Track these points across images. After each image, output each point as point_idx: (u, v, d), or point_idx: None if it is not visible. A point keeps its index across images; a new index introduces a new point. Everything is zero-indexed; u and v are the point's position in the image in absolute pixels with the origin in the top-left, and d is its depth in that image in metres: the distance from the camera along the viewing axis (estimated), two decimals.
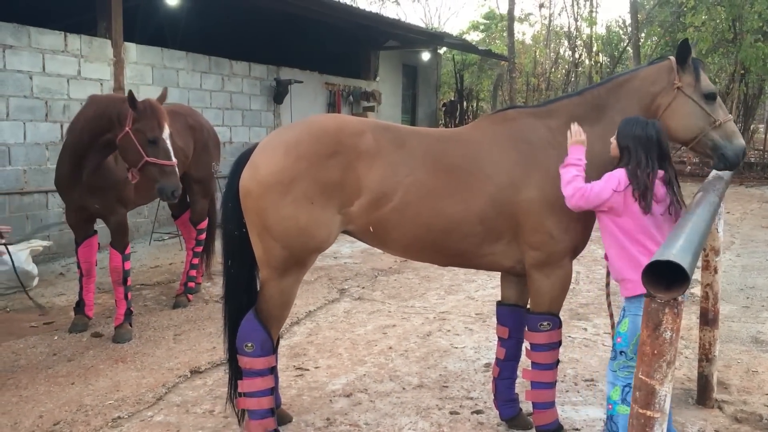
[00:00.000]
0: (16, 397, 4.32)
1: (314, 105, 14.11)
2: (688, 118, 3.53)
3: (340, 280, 7.65)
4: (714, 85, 3.66)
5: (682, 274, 1.80)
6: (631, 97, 3.60)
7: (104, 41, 9.23)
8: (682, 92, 3.54)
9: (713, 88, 3.60)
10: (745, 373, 4.84)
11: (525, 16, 31.16)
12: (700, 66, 3.62)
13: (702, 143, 3.55)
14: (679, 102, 3.54)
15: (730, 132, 3.53)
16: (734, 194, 15.54)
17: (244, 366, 3.50)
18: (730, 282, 7.49)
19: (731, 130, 3.54)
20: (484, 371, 4.83)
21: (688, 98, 3.54)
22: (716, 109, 3.54)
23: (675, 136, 3.60)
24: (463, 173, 3.47)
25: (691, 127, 3.53)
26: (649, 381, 1.86)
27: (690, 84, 3.55)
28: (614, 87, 3.64)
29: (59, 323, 5.87)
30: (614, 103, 3.59)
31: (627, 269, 3.23)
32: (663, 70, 3.63)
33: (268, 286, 3.47)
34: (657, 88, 3.59)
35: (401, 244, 3.55)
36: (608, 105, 3.60)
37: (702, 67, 3.63)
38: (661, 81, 3.59)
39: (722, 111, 3.57)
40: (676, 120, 3.54)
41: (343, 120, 3.56)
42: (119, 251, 5.50)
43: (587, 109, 3.61)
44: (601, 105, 3.61)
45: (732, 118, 3.62)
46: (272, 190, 3.30)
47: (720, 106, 3.58)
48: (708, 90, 3.55)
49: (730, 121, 3.57)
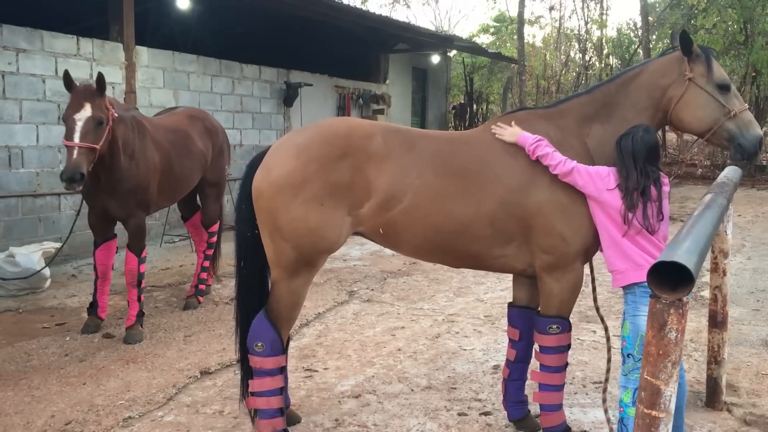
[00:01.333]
0: (29, 397, 4.36)
1: (324, 108, 14.16)
2: (702, 109, 3.48)
3: (349, 282, 7.68)
4: (727, 75, 3.60)
5: (688, 275, 1.81)
6: (641, 91, 3.55)
7: (116, 45, 9.32)
8: (694, 83, 3.48)
9: (726, 77, 3.53)
10: (755, 376, 4.82)
11: (536, 19, 31.12)
12: (712, 55, 3.56)
13: (718, 134, 3.49)
14: (691, 93, 3.49)
15: (746, 121, 3.47)
16: (746, 197, 15.47)
17: (254, 365, 3.53)
18: (741, 285, 7.46)
19: (747, 120, 3.47)
20: (492, 373, 4.84)
21: (701, 89, 3.47)
22: (731, 99, 3.48)
23: (689, 128, 3.56)
24: (474, 175, 3.48)
25: (705, 119, 3.49)
26: (654, 381, 1.87)
27: (702, 74, 3.49)
28: (624, 83, 3.60)
29: (71, 324, 5.93)
30: (624, 99, 3.54)
31: (616, 259, 3.28)
32: (673, 61, 3.57)
33: (279, 286, 3.50)
34: (668, 81, 3.54)
35: (412, 245, 3.57)
36: (618, 102, 3.55)
37: (714, 56, 3.57)
38: (672, 73, 3.55)
39: (737, 101, 3.50)
40: (690, 112, 3.50)
41: (353, 123, 3.59)
42: (136, 254, 5.56)
43: (597, 107, 3.59)
44: (611, 102, 3.57)
45: (747, 107, 3.54)
46: (283, 191, 3.34)
47: (735, 95, 3.51)
48: (721, 80, 3.49)
49: (746, 111, 3.50)
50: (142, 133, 5.67)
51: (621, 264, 3.27)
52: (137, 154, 5.51)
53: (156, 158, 5.72)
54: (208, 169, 6.72)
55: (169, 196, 6.25)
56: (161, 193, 5.90)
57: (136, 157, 5.50)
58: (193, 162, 6.38)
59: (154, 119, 6.38)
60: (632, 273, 3.23)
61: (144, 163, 5.55)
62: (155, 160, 5.71)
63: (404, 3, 36.70)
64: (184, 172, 6.27)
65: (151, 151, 5.68)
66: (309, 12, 12.78)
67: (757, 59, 17.71)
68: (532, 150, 3.41)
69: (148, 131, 5.76)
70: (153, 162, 5.67)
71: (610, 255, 3.32)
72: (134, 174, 5.48)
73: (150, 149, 5.67)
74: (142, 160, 5.54)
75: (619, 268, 3.28)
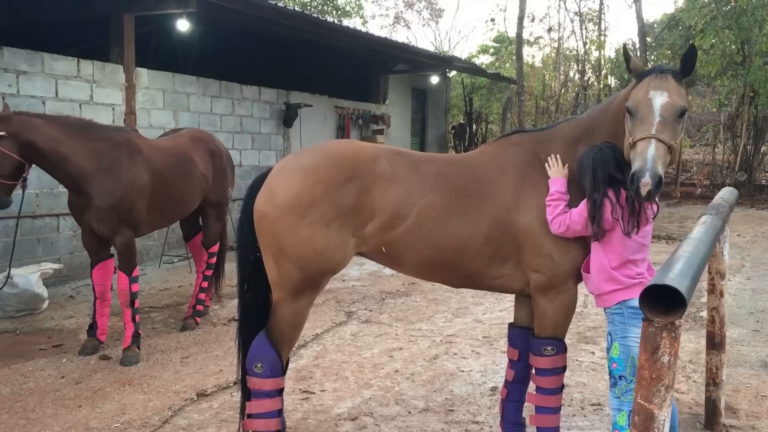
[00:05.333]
0: (24, 420, 4.34)
1: (324, 128, 14.21)
2: (623, 135, 3.27)
3: (347, 302, 7.66)
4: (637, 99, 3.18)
5: (680, 298, 1.81)
6: (615, 115, 3.44)
7: (117, 67, 9.37)
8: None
9: (637, 100, 3.18)
10: (754, 398, 4.80)
11: (535, 40, 31.29)
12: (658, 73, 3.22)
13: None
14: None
15: (636, 153, 3.08)
16: (745, 216, 15.47)
17: (253, 387, 3.53)
18: (740, 305, 7.44)
19: (637, 151, 3.07)
20: (490, 395, 4.81)
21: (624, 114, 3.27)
22: (635, 126, 3.15)
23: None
24: (472, 195, 3.54)
25: (625, 147, 3.25)
26: (647, 405, 1.86)
27: (627, 97, 3.29)
28: (604, 108, 3.60)
29: (68, 346, 5.91)
30: (603, 122, 3.53)
31: (603, 282, 3.30)
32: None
33: (282, 307, 3.50)
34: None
35: (413, 263, 3.60)
36: (599, 125, 3.55)
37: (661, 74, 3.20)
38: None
39: (642, 127, 3.11)
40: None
41: (358, 145, 3.66)
42: (126, 273, 5.55)
43: (582, 131, 3.61)
44: (593, 126, 3.58)
45: (649, 135, 3.04)
46: (289, 213, 3.35)
47: (643, 121, 3.11)
48: (630, 103, 3.21)
49: (642, 140, 3.06)
50: (133, 153, 5.68)
51: (608, 286, 3.28)
52: (121, 172, 5.51)
53: (145, 178, 5.71)
54: (210, 191, 6.73)
55: (165, 217, 6.26)
56: (154, 214, 5.90)
57: (119, 174, 5.49)
58: (193, 184, 6.40)
59: (154, 141, 6.41)
60: (621, 292, 3.25)
61: (128, 182, 5.54)
62: (143, 180, 5.69)
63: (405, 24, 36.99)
64: (183, 194, 6.28)
65: (140, 171, 5.68)
66: (311, 34, 12.87)
67: (754, 79, 17.79)
68: (547, 201, 3.45)
69: (142, 152, 5.78)
70: (140, 182, 5.65)
71: (600, 279, 3.32)
72: (113, 191, 5.45)
73: (139, 169, 5.67)
74: (125, 179, 5.52)
75: (605, 290, 3.30)
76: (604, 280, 3.30)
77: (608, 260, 3.29)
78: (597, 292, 3.37)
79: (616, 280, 3.26)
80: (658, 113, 3.09)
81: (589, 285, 3.43)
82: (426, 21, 44.99)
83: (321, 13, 23.61)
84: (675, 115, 3.11)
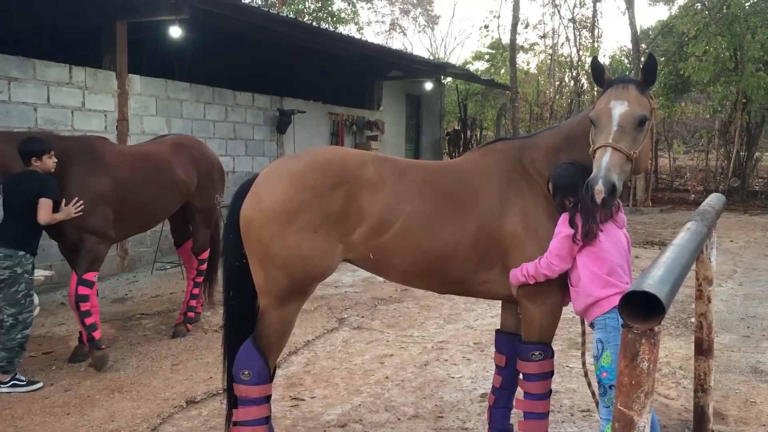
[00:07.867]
0: (12, 428, 4.32)
1: (317, 135, 14.23)
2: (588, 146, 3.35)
3: (339, 309, 7.65)
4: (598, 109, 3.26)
5: (659, 305, 1.81)
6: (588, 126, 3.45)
7: (109, 73, 9.38)
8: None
9: (598, 110, 3.27)
10: (743, 404, 4.80)
11: (529, 46, 31.38)
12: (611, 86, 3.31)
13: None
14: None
15: (594, 160, 3.18)
16: (738, 222, 15.52)
17: (240, 394, 3.51)
18: (731, 311, 7.45)
19: (595, 159, 3.17)
20: (480, 401, 4.81)
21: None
22: (597, 134, 3.24)
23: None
24: (458, 201, 3.56)
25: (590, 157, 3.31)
26: (627, 412, 1.87)
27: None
28: (582, 117, 3.62)
29: (58, 353, 5.89)
30: (580, 132, 3.54)
31: (598, 290, 3.30)
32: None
33: (269, 314, 3.49)
34: None
35: (400, 270, 3.60)
36: (577, 135, 3.55)
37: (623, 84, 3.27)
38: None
39: (601, 137, 3.20)
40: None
41: (345, 152, 3.66)
42: (77, 273, 5.48)
43: (562, 139, 3.64)
44: (572, 136, 3.60)
45: (605, 144, 3.14)
46: (276, 219, 3.35)
47: (602, 130, 3.20)
48: (592, 113, 3.30)
49: (600, 149, 3.16)
50: (92, 159, 5.65)
51: (605, 291, 3.29)
52: (73, 181, 5.45)
53: (105, 185, 5.66)
54: (195, 197, 6.71)
55: (136, 224, 6.20)
56: (123, 221, 5.86)
57: (70, 183, 5.43)
58: (168, 189, 6.36)
59: (124, 147, 6.38)
60: (618, 296, 3.24)
61: (84, 189, 5.47)
62: (102, 187, 5.64)
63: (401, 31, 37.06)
64: (154, 200, 6.23)
65: (97, 178, 5.63)
66: (303, 40, 12.88)
67: (747, 86, 17.86)
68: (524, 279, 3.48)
69: (103, 158, 5.74)
70: (97, 189, 5.59)
71: (594, 286, 3.31)
72: (68, 199, 5.35)
73: (97, 176, 5.62)
74: (75, 187, 5.44)
75: (602, 295, 3.30)
76: (600, 287, 3.29)
77: (599, 268, 3.30)
78: (591, 300, 3.33)
79: (613, 285, 3.27)
80: (616, 122, 3.18)
81: (578, 300, 3.40)
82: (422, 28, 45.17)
83: (316, 19, 23.61)
84: (633, 123, 3.18)
